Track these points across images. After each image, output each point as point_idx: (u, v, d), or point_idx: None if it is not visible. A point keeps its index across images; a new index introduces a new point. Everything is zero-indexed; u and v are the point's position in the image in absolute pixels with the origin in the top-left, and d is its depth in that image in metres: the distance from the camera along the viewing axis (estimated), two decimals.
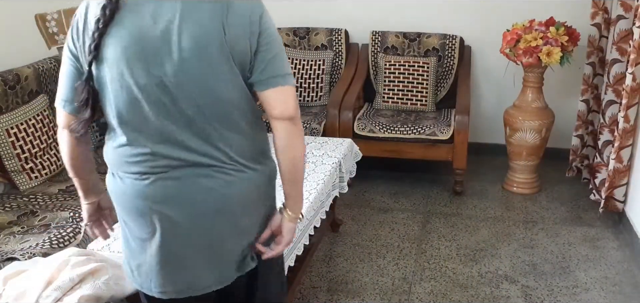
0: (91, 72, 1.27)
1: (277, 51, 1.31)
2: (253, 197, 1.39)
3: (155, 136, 1.29)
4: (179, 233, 1.36)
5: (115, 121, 1.31)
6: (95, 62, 1.26)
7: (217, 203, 1.34)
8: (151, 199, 1.33)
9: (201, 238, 1.36)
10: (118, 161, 1.38)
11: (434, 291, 2.65)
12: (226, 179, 1.33)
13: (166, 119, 1.27)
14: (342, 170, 2.82)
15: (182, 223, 1.34)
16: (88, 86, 1.28)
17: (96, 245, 2.10)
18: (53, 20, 2.59)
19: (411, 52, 4.01)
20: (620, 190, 3.11)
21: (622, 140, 2.99)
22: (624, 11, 3.10)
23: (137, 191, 1.34)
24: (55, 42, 2.64)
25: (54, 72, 3.17)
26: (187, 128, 1.28)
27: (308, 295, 2.65)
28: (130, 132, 1.30)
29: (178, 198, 1.32)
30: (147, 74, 1.23)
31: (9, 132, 2.72)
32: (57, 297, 1.69)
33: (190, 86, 1.24)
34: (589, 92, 3.60)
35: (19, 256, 2.12)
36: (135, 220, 1.38)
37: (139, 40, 1.22)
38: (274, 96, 1.31)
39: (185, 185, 1.31)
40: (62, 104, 1.35)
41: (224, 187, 1.33)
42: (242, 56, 1.27)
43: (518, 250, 2.97)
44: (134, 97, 1.26)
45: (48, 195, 2.70)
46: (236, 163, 1.33)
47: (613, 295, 2.61)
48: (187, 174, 1.31)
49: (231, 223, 1.38)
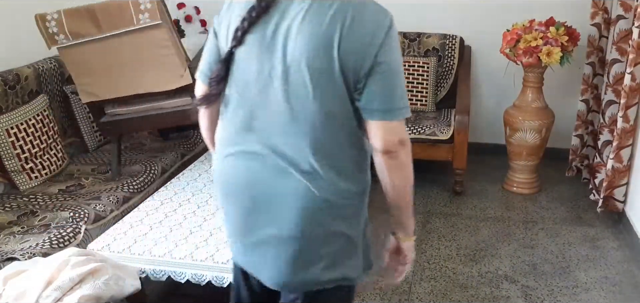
0: (230, 55, 1.31)
1: (391, 81, 1.24)
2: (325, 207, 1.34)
3: (261, 123, 1.32)
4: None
5: (234, 102, 1.35)
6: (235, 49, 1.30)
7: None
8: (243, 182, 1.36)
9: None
10: (228, 140, 1.40)
11: (434, 291, 2.65)
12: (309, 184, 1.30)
13: (274, 111, 1.28)
14: None
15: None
16: (225, 66, 1.33)
17: (96, 245, 2.11)
18: (53, 20, 2.59)
19: (411, 52, 4.01)
20: (620, 189, 3.11)
21: (621, 140, 2.99)
22: (624, 11, 3.10)
23: (235, 171, 1.37)
24: (55, 42, 2.64)
25: (54, 72, 3.18)
26: (290, 124, 1.28)
27: None
28: (244, 115, 1.33)
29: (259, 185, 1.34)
30: (262, 67, 1.27)
31: (9, 132, 2.72)
32: (57, 297, 1.69)
33: (295, 87, 1.24)
34: (588, 92, 3.60)
35: (19, 256, 2.12)
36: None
37: (265, 35, 1.25)
38: (376, 127, 1.26)
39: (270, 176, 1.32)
40: (202, 76, 1.43)
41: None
42: (353, 75, 1.23)
43: (518, 250, 2.97)
44: (252, 85, 1.30)
45: (48, 194, 2.70)
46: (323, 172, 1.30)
47: (613, 295, 2.61)
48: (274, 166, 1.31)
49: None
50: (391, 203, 1.38)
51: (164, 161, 3.14)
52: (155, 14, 2.55)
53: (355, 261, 1.44)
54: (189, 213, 2.29)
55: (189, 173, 2.71)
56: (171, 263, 2.00)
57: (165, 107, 2.85)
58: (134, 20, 2.56)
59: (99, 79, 2.74)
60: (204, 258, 1.97)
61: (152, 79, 2.71)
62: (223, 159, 1.40)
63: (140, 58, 2.66)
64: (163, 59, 2.65)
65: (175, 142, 3.43)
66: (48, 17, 2.58)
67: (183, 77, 2.69)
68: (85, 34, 2.61)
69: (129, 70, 2.70)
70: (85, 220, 2.45)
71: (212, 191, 2.48)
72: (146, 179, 2.92)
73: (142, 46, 2.63)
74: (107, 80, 2.74)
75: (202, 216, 2.26)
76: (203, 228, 2.17)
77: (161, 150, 3.30)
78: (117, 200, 2.68)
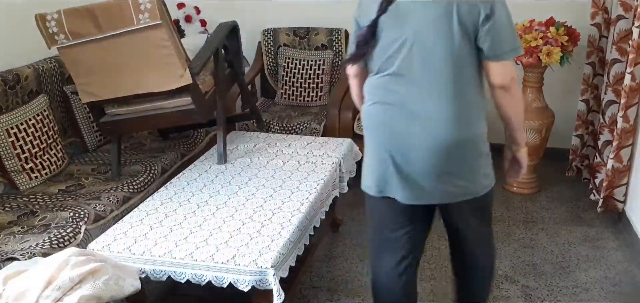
0: (376, 23, 1.72)
1: (502, 30, 1.68)
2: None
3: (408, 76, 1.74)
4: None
5: (378, 64, 1.78)
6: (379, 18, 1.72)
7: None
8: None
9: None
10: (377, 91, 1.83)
11: (434, 291, 2.65)
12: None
13: (416, 67, 1.71)
14: (342, 170, 2.82)
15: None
16: (371, 31, 1.74)
17: (96, 245, 2.11)
18: (53, 20, 2.59)
19: None
20: (620, 189, 3.11)
21: (621, 140, 2.99)
22: (624, 11, 3.10)
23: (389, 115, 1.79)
24: (55, 42, 2.64)
25: (54, 72, 3.18)
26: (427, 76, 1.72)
27: (308, 294, 2.65)
28: (391, 73, 1.76)
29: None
30: (401, 32, 1.70)
31: (9, 132, 2.72)
32: (57, 297, 1.69)
33: (428, 44, 1.68)
34: (588, 92, 3.60)
35: (19, 256, 2.12)
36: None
37: (397, 7, 1.69)
38: (493, 67, 1.71)
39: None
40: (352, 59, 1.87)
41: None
42: (472, 27, 1.66)
43: (518, 250, 2.97)
44: (394, 47, 1.72)
45: (48, 194, 2.70)
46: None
47: (613, 295, 2.61)
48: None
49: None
50: (508, 125, 1.85)
51: (164, 161, 3.15)
52: (155, 14, 2.54)
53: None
54: (189, 213, 2.29)
55: (189, 173, 2.71)
56: (171, 263, 2.00)
57: (165, 107, 2.85)
58: (134, 20, 2.56)
59: (99, 79, 2.74)
60: (204, 258, 1.97)
61: (152, 79, 2.71)
62: (369, 106, 1.86)
63: (140, 58, 2.66)
64: (163, 59, 2.65)
65: (175, 142, 3.43)
66: (48, 17, 2.58)
67: (183, 77, 2.69)
68: (85, 34, 2.61)
69: (129, 70, 2.69)
70: (85, 220, 2.45)
71: (212, 191, 2.49)
72: (146, 179, 2.92)
73: (142, 46, 2.63)
74: (107, 80, 2.74)
75: (202, 216, 2.26)
76: (203, 228, 2.17)
77: (161, 150, 3.30)
78: (117, 200, 2.68)
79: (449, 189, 1.80)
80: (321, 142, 3.02)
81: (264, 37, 4.20)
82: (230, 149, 2.96)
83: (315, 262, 2.89)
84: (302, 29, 4.16)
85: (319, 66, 4.03)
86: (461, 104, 1.72)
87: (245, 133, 3.27)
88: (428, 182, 1.79)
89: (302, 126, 3.65)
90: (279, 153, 2.90)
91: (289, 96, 4.09)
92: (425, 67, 1.70)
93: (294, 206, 2.32)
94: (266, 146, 2.99)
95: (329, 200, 2.66)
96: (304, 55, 4.08)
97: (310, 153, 2.88)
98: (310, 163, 2.76)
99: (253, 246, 2.02)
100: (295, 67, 4.05)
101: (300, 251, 2.21)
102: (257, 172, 2.68)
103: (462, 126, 1.73)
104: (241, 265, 1.93)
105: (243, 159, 2.85)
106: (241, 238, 2.08)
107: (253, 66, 4.20)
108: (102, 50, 2.65)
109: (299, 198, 2.39)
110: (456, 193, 1.81)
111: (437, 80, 1.71)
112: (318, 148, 2.93)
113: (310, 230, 2.36)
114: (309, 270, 2.79)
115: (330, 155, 2.83)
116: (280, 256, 1.98)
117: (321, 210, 2.51)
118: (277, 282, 1.92)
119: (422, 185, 1.80)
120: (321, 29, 4.13)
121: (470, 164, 1.80)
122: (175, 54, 2.65)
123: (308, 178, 2.59)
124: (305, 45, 4.14)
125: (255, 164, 2.78)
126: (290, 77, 4.07)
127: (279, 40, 4.18)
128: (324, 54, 4.06)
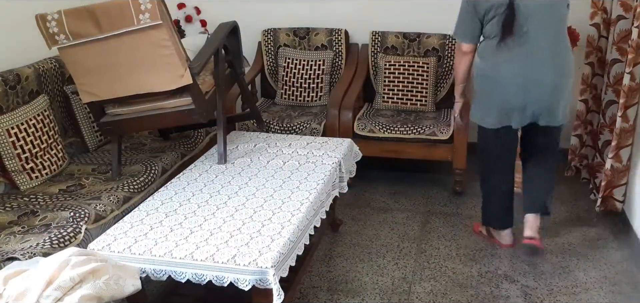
0: (512, 3, 2.55)
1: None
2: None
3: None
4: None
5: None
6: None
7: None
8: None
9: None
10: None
11: (434, 291, 2.66)
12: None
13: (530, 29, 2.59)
14: (342, 170, 2.83)
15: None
16: (511, 11, 2.55)
17: (97, 245, 2.11)
18: (53, 20, 2.59)
19: (411, 52, 4.01)
20: (619, 189, 3.11)
21: (620, 140, 3.00)
22: (624, 11, 3.10)
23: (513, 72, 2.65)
24: (55, 42, 2.64)
25: (54, 72, 3.18)
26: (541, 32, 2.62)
27: (308, 294, 2.65)
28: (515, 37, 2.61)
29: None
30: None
31: (10, 132, 2.72)
32: (58, 296, 1.69)
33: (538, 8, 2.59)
34: (588, 92, 3.61)
35: (19, 256, 2.12)
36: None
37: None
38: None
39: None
40: (467, 38, 2.78)
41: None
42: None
43: (518, 250, 2.97)
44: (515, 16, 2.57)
45: (48, 194, 2.71)
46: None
47: (613, 295, 2.61)
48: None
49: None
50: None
51: (164, 161, 3.15)
52: (156, 14, 2.55)
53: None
54: (189, 213, 2.30)
55: (189, 173, 2.72)
56: (171, 263, 2.01)
57: (166, 108, 2.85)
58: (134, 21, 2.56)
59: (100, 79, 2.75)
60: (204, 258, 1.97)
61: (152, 79, 2.71)
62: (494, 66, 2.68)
63: (140, 58, 2.66)
64: (163, 59, 2.66)
65: (175, 142, 3.43)
66: (48, 17, 2.59)
67: (183, 77, 2.69)
68: (86, 34, 2.61)
69: (130, 70, 2.70)
70: (86, 220, 2.45)
71: (212, 191, 2.49)
72: (146, 179, 2.93)
73: (142, 46, 2.63)
74: (107, 80, 2.74)
75: (202, 216, 2.26)
76: (203, 228, 2.17)
77: (161, 150, 3.31)
78: (118, 200, 2.68)
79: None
80: (321, 142, 3.03)
81: (264, 37, 4.21)
82: (231, 149, 2.96)
83: (315, 262, 2.89)
84: (302, 29, 4.16)
85: (319, 66, 4.03)
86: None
87: (245, 133, 3.28)
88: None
89: (302, 126, 3.65)
90: (279, 153, 2.90)
91: (289, 96, 4.09)
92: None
93: (294, 206, 2.33)
94: (266, 146, 2.99)
95: (329, 200, 2.67)
96: (304, 55, 4.08)
97: (310, 153, 2.88)
98: (310, 163, 2.77)
99: (253, 246, 2.02)
100: (295, 68, 4.06)
101: (300, 251, 2.22)
102: (257, 172, 2.69)
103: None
104: (241, 264, 1.93)
105: (243, 159, 2.85)
106: (241, 238, 2.08)
107: (253, 66, 4.21)
108: (102, 50, 2.65)
109: (299, 198, 2.40)
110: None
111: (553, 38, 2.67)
112: (318, 148, 2.93)
113: (311, 230, 2.36)
114: (309, 269, 2.80)
115: (330, 155, 2.84)
116: (280, 256, 1.99)
117: (321, 210, 2.51)
118: (277, 282, 1.92)
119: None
120: (321, 29, 4.13)
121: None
122: (175, 54, 2.66)
123: (308, 178, 2.60)
124: (305, 45, 4.15)
125: (255, 164, 2.79)
126: (290, 77, 4.08)
127: (279, 40, 4.18)
128: (324, 54, 4.06)
